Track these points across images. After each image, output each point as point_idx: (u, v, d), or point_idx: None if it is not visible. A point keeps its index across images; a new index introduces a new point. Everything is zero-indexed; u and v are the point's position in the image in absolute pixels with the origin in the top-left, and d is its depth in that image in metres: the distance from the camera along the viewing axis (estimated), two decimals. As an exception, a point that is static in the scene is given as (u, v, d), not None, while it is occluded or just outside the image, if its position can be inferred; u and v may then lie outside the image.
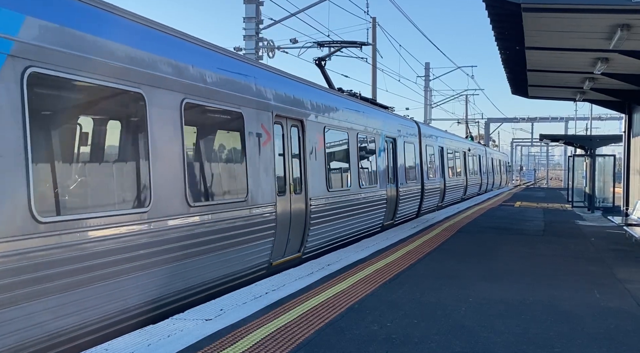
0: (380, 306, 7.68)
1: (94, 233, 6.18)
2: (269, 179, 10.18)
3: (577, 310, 7.69)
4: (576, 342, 6.35)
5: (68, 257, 5.82)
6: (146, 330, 6.41)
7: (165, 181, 7.39)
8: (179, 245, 7.56)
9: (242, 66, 9.77)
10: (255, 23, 22.88)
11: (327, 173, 12.90)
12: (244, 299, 7.87)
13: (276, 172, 10.46)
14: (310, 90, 12.68)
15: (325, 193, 12.68)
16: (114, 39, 6.68)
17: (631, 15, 10.37)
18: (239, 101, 9.31)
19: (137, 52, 7.02)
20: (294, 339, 6.18)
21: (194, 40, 8.59)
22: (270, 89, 10.47)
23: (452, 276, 9.83)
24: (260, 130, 9.97)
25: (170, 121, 7.60)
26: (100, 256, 6.23)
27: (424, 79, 51.21)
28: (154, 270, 7.09)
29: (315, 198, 12.11)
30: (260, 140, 9.98)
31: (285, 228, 10.79)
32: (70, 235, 5.86)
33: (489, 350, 6.00)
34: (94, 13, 6.52)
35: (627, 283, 9.58)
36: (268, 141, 10.22)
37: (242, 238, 9.15)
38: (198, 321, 6.76)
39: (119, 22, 6.94)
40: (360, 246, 13.22)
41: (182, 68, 7.92)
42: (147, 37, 7.41)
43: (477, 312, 7.48)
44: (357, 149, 15.04)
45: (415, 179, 21.42)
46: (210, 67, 8.66)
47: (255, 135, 9.79)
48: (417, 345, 6.09)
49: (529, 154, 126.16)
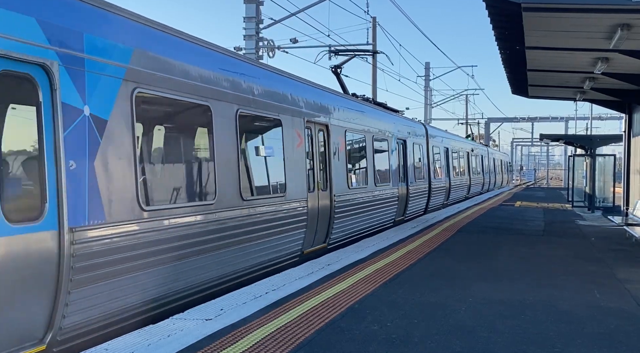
0: (380, 306, 7.68)
1: (182, 220, 7.62)
2: (302, 178, 11.47)
3: (577, 310, 7.69)
4: (576, 342, 6.34)
5: (166, 238, 7.31)
6: (146, 329, 6.41)
7: (225, 179, 8.67)
8: (234, 232, 8.85)
9: (281, 79, 11.08)
10: (256, 23, 22.89)
11: (348, 172, 14.18)
12: (244, 299, 7.87)
13: (307, 171, 11.73)
14: (333, 97, 13.98)
15: (346, 190, 13.93)
16: (190, 62, 8.04)
17: (631, 15, 10.36)
18: (278, 109, 10.62)
19: (204, 71, 8.32)
20: (294, 339, 6.18)
21: (243, 58, 10.06)
22: (301, 98, 11.80)
23: (452, 276, 9.83)
24: (295, 134, 11.29)
25: (228, 128, 8.83)
26: (185, 238, 7.66)
27: (424, 79, 51.24)
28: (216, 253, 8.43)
29: (339, 195, 13.34)
30: (295, 143, 11.27)
31: (314, 220, 12.02)
32: (167, 220, 7.36)
33: (489, 350, 6.00)
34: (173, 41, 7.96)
35: (627, 283, 9.58)
36: (300, 144, 11.53)
37: (281, 228, 10.38)
38: (198, 321, 6.76)
39: (196, 50, 8.43)
40: (360, 246, 13.22)
41: (237, 83, 9.23)
42: (214, 60, 8.80)
43: (477, 312, 7.48)
44: (372, 150, 16.24)
45: (423, 178, 22.65)
46: (258, 81, 10.00)
47: (290, 139, 11.08)
48: (417, 345, 6.09)
49: (529, 154, 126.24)
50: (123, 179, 6.64)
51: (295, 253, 11.18)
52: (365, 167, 15.79)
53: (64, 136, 5.76)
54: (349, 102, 15.26)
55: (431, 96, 53.86)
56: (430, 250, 12.65)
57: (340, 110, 14.02)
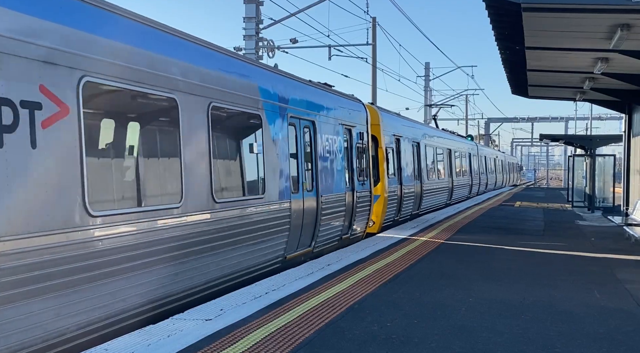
0: (380, 306, 7.68)
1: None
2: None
3: (577, 310, 7.68)
4: (576, 342, 6.34)
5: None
6: (146, 330, 6.40)
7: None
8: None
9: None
10: (255, 23, 22.86)
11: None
12: (243, 299, 7.86)
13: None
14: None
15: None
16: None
17: (631, 15, 10.36)
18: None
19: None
20: (294, 339, 6.18)
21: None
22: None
23: (452, 276, 9.83)
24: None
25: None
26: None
27: (424, 79, 51.17)
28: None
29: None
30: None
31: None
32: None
33: (489, 350, 5.99)
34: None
35: (627, 283, 9.57)
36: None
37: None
38: (198, 321, 6.76)
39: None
40: (360, 246, 13.21)
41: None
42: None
43: (477, 312, 7.48)
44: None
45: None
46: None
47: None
48: (417, 345, 6.09)
49: (529, 154, 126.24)
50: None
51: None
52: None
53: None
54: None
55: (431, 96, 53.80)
56: (430, 250, 12.65)
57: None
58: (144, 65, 6.97)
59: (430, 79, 51.31)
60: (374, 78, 30.62)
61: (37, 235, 5.38)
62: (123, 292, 6.46)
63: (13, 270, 5.14)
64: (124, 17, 6.90)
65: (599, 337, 6.52)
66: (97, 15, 6.42)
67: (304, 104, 11.79)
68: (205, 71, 8.44)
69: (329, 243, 12.93)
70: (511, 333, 6.57)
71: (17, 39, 5.31)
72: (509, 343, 6.21)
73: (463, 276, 9.85)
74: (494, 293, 8.61)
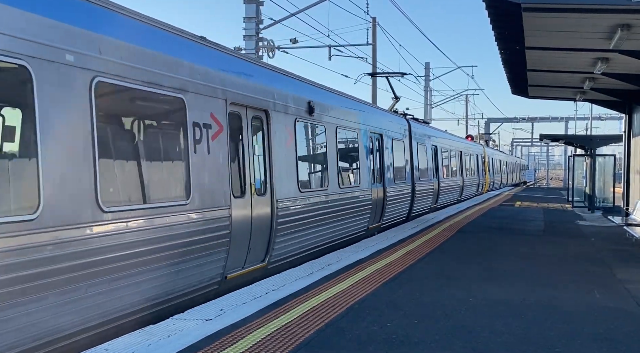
0: (380, 306, 7.68)
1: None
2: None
3: (577, 310, 7.68)
4: (576, 342, 6.34)
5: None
6: (146, 330, 6.40)
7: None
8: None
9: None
10: (255, 23, 22.87)
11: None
12: (244, 299, 7.87)
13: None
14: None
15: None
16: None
17: (631, 15, 10.37)
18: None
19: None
20: (294, 339, 6.18)
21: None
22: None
23: (452, 276, 9.83)
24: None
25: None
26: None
27: (424, 79, 51.18)
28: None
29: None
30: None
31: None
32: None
33: (489, 350, 5.99)
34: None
35: (627, 283, 9.57)
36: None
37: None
38: (198, 321, 6.76)
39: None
40: (360, 246, 13.22)
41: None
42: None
43: (477, 312, 7.48)
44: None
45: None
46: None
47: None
48: (417, 346, 6.09)
49: (529, 154, 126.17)
50: None
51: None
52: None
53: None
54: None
55: (431, 96, 53.80)
56: (430, 250, 12.65)
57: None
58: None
59: (430, 79, 51.31)
60: (373, 78, 30.59)
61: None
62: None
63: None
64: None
65: (599, 337, 6.52)
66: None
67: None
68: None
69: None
70: (511, 334, 6.57)
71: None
72: (509, 344, 6.21)
73: (463, 276, 9.85)
74: (494, 293, 8.61)
